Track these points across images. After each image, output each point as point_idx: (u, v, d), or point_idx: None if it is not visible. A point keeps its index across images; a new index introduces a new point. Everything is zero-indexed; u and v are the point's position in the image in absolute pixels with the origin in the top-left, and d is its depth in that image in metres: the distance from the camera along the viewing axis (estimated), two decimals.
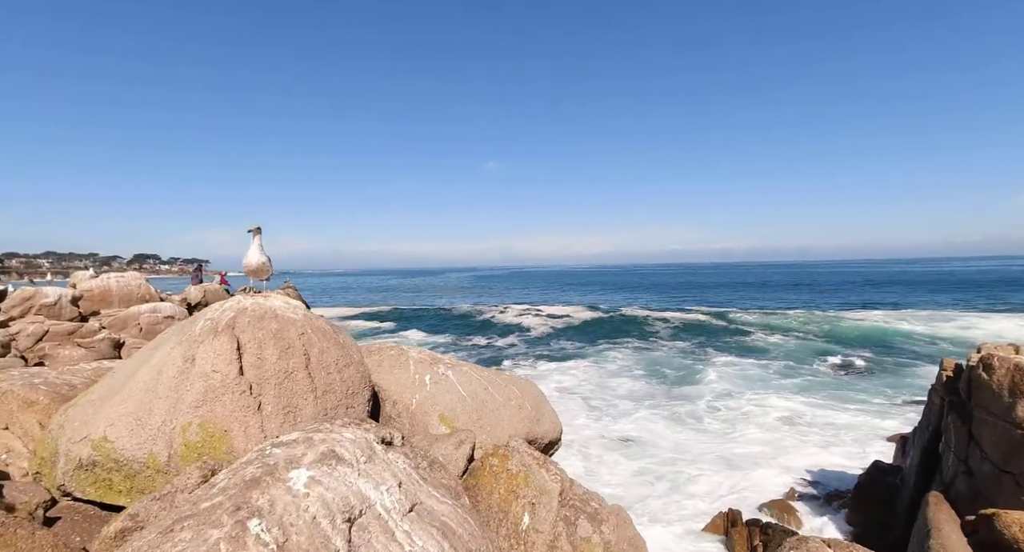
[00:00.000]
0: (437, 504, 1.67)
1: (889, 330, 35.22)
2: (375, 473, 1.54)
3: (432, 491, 1.73)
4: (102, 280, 18.58)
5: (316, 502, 1.24)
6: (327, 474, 1.36)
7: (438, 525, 1.54)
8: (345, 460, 1.48)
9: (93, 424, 3.00)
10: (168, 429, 2.93)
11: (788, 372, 26.02)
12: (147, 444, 2.91)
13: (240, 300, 3.56)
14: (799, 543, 2.99)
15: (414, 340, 39.08)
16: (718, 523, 11.69)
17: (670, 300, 68.65)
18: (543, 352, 33.21)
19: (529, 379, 5.04)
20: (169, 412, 2.97)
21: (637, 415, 19.91)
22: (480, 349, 35.07)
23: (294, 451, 1.44)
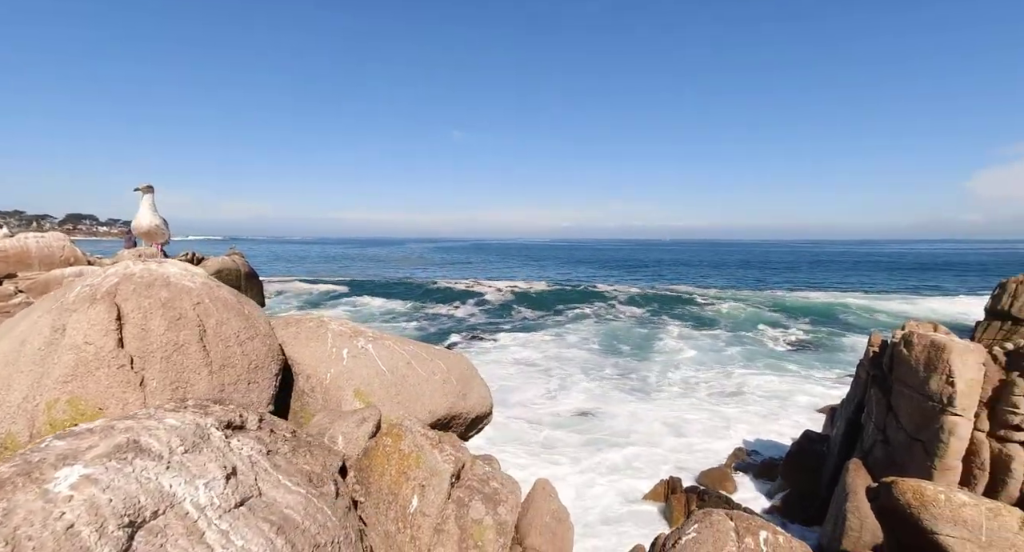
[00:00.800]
0: (284, 494, 1.51)
1: (833, 307, 37.10)
2: (195, 465, 1.35)
3: (283, 479, 1.56)
4: (18, 240, 17.10)
5: (81, 507, 1.05)
6: (114, 470, 1.16)
7: (275, 519, 1.38)
8: (151, 451, 1.29)
9: None
10: (30, 406, 2.63)
11: (735, 346, 27.10)
12: (5, 422, 2.62)
13: (128, 265, 3.22)
14: (704, 516, 3.02)
15: (369, 312, 38.44)
16: (659, 490, 12.19)
17: (628, 276, 70.04)
18: (502, 324, 33.35)
19: (460, 352, 4.91)
20: (32, 387, 2.67)
21: (590, 386, 20.37)
22: (438, 321, 34.87)
23: (80, 443, 1.23)
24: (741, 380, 20.95)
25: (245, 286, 24.88)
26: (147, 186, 3.29)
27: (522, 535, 4.02)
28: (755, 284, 57.38)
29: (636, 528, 10.62)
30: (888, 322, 30.91)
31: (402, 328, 32.52)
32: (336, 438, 2.72)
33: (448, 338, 29.59)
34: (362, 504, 2.33)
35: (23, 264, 17.70)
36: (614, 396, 19.27)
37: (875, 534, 8.46)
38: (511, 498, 2.67)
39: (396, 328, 32.36)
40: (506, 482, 2.79)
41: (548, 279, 62.53)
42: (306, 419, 3.46)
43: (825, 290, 50.16)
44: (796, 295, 45.43)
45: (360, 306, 39.25)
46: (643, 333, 30.70)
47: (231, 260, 24.81)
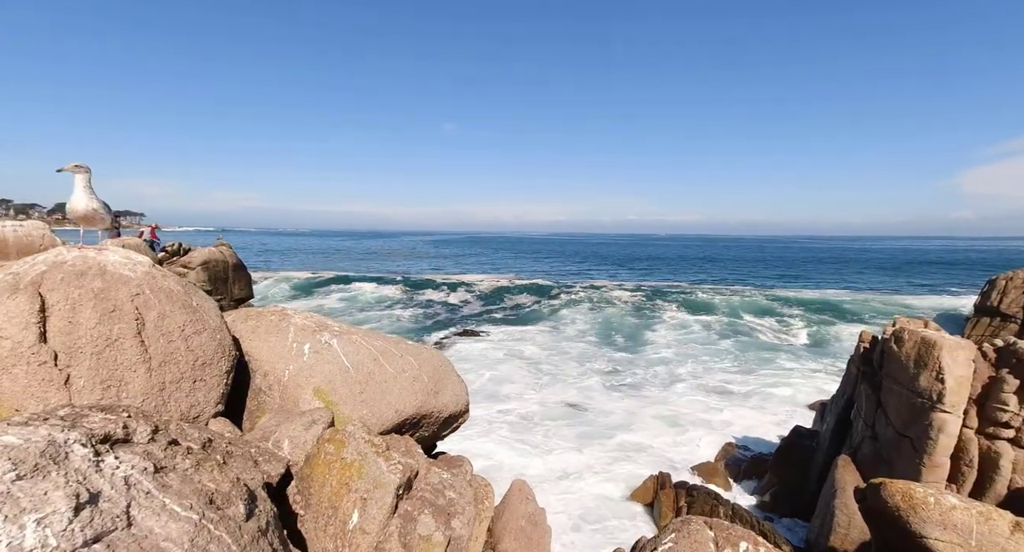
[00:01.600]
0: (167, 523, 1.27)
1: (825, 303, 37.14)
2: (29, 495, 1.11)
3: (169, 503, 1.33)
4: None
5: None
6: None
7: None
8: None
9: None
10: None
11: (728, 341, 27.06)
12: None
13: (61, 252, 2.96)
14: (682, 524, 2.82)
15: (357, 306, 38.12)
16: (648, 486, 12.06)
17: (623, 271, 70.01)
18: (492, 318, 33.15)
19: (434, 348, 4.68)
20: None
21: (580, 379, 20.24)
22: (428, 315, 34.60)
23: None
24: (732, 375, 20.90)
25: (233, 277, 24.50)
26: (76, 165, 3.00)
27: (496, 539, 3.82)
28: (748, 280, 57.54)
29: (622, 526, 10.50)
30: (879, 318, 30.98)
31: (389, 323, 32.25)
32: (282, 442, 2.49)
33: (437, 332, 29.37)
34: (301, 517, 2.10)
35: (2, 254, 17.31)
36: (604, 390, 19.16)
37: (863, 531, 8.37)
38: (468, 509, 2.45)
39: (383, 323, 32.07)
40: (465, 491, 2.57)
41: (542, 273, 62.34)
42: (262, 419, 3.22)
43: (817, 286, 50.31)
44: (788, 291, 45.50)
45: (348, 300, 38.84)
46: (635, 327, 30.63)
47: (218, 251, 24.40)
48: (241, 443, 2.03)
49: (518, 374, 20.75)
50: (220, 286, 22.91)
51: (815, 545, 9.22)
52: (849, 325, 29.98)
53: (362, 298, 38.84)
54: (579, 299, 38.78)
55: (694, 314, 33.74)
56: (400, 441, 2.69)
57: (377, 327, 28.31)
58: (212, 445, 1.70)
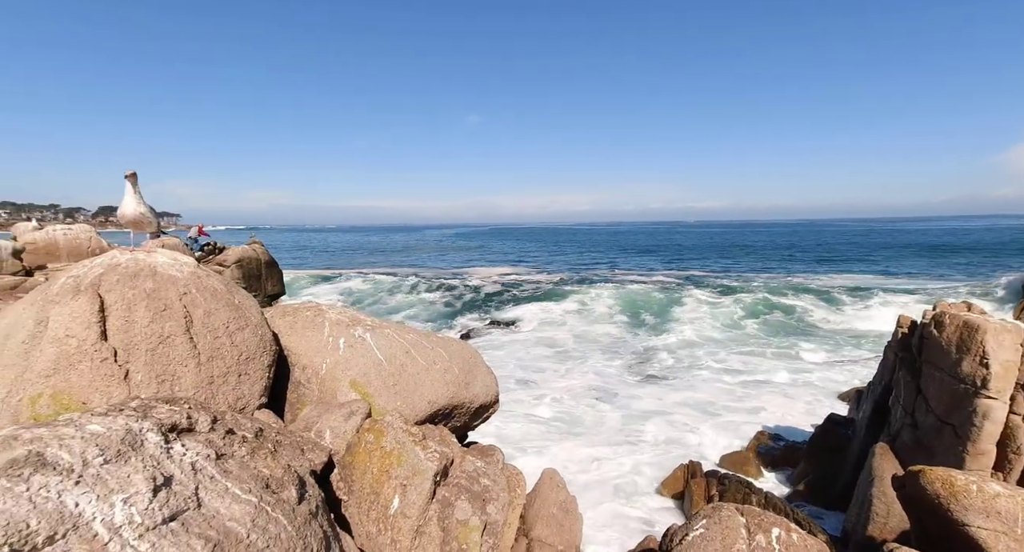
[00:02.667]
0: (231, 504, 1.39)
1: (861, 288, 35.97)
2: (115, 477, 1.23)
3: (231, 487, 1.45)
4: (47, 233, 17.64)
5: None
6: (2, 490, 1.05)
7: (213, 534, 1.26)
8: (56, 465, 1.17)
9: None
10: (14, 401, 2.59)
11: (759, 329, 26.57)
12: None
13: (115, 255, 3.14)
14: (713, 511, 2.85)
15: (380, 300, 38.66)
16: (678, 475, 12.03)
17: (650, 260, 69.15)
18: (517, 309, 33.24)
19: (463, 341, 4.78)
20: (15, 382, 2.63)
21: (609, 369, 20.23)
22: (451, 307, 34.90)
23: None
24: (763, 362, 20.54)
25: (265, 274, 25.27)
26: (131, 173, 3.19)
27: (528, 526, 3.92)
28: (780, 266, 56.09)
29: (652, 515, 10.52)
30: (917, 303, 29.88)
31: (416, 314, 32.67)
32: (324, 433, 2.63)
33: (462, 323, 29.66)
34: (345, 503, 2.23)
35: (52, 256, 18.29)
36: (631, 377, 19.10)
37: (902, 520, 8.19)
38: (503, 495, 2.54)
39: (409, 315, 32.51)
40: (499, 478, 2.66)
41: (567, 263, 62.11)
42: (302, 410, 3.38)
43: (852, 271, 48.74)
44: (821, 276, 44.24)
45: (369, 295, 39.46)
46: (663, 315, 30.29)
47: (251, 249, 25.19)
48: (287, 433, 2.16)
49: (543, 363, 20.87)
50: (254, 283, 23.66)
51: (852, 534, 9.07)
52: (885, 310, 29.02)
53: (386, 293, 39.43)
54: (604, 288, 38.54)
55: (723, 301, 33.15)
56: (435, 430, 2.79)
57: (404, 320, 28.81)
58: (263, 434, 1.82)
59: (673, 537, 2.92)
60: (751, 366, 20.25)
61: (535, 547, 3.43)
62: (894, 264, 54.56)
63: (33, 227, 18.65)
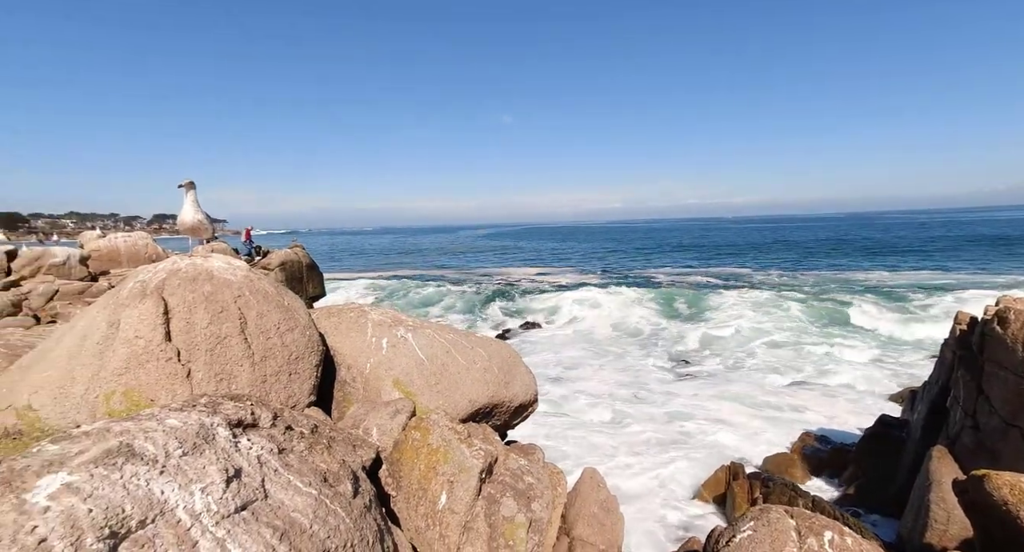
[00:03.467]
0: (293, 496, 1.47)
1: (917, 285, 34.21)
2: (192, 468, 1.32)
3: (293, 480, 1.53)
4: (109, 240, 18.76)
5: (56, 519, 1.02)
6: (100, 477, 1.14)
7: (280, 524, 1.34)
8: (144, 456, 1.27)
9: (18, 391, 2.89)
10: (91, 398, 2.79)
11: (805, 327, 25.61)
12: (70, 413, 2.80)
13: (175, 261, 3.34)
14: (761, 513, 2.79)
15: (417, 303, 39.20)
16: (720, 477, 11.75)
17: (687, 258, 67.67)
18: (554, 308, 33.14)
19: (502, 340, 4.83)
20: (92, 380, 2.83)
21: (646, 365, 19.97)
22: (486, 309, 35.08)
23: (72, 447, 1.23)
24: (807, 362, 19.82)
25: (307, 276, 26.11)
26: (189, 182, 3.38)
27: (569, 525, 3.93)
28: (826, 262, 53.87)
29: (692, 518, 10.32)
30: (977, 298, 28.15)
31: (450, 317, 33.01)
32: (371, 430, 2.72)
33: (495, 319, 29.79)
34: (393, 498, 2.30)
35: (114, 261, 19.47)
36: (669, 376, 18.78)
37: (964, 527, 7.75)
38: (547, 494, 2.56)
39: (443, 317, 32.87)
40: (543, 476, 2.68)
41: (601, 262, 61.53)
42: (348, 408, 3.51)
43: (903, 266, 46.35)
44: (871, 272, 42.28)
45: (407, 297, 40.09)
46: (701, 313, 29.63)
47: (294, 252, 26.11)
48: (339, 429, 2.26)
49: (578, 361, 20.77)
50: (296, 285, 24.49)
51: (908, 541, 8.65)
52: (940, 306, 27.48)
53: (422, 294, 39.99)
54: (638, 286, 37.99)
55: (765, 298, 32.13)
56: (479, 429, 2.85)
57: (441, 318, 29.18)
58: (318, 430, 1.92)
59: (719, 539, 2.88)
60: (794, 365, 19.58)
61: (577, 546, 3.44)
62: (950, 257, 51.58)
63: (97, 235, 19.90)
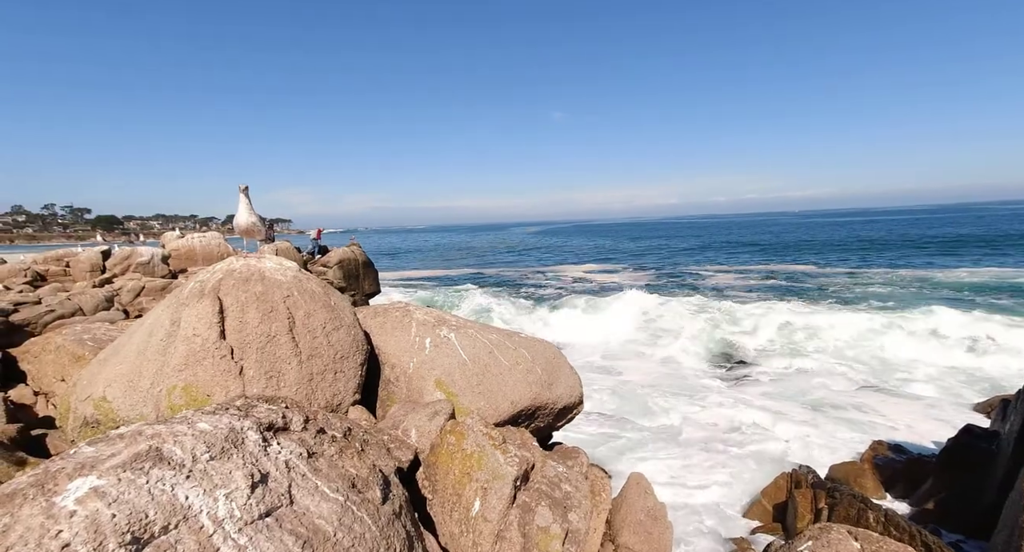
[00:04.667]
0: (320, 502, 1.47)
1: (1006, 285, 31.06)
2: (218, 473, 1.35)
3: (321, 485, 1.53)
4: (187, 240, 20.28)
5: (80, 524, 1.06)
6: (127, 482, 1.18)
7: (303, 531, 1.34)
8: (171, 460, 1.30)
9: (95, 384, 3.13)
10: (156, 392, 2.98)
11: (874, 327, 23.81)
12: (138, 406, 3.00)
13: (231, 261, 3.51)
14: (820, 532, 2.58)
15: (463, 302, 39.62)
16: (780, 484, 11.14)
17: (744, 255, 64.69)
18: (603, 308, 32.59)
19: (546, 341, 4.76)
20: (156, 375, 3.02)
21: (700, 365, 19.27)
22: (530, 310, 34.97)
23: (105, 450, 1.28)
24: (880, 365, 18.43)
25: (363, 274, 27.09)
26: (245, 187, 3.55)
27: (615, 532, 3.82)
28: (898, 260, 49.84)
29: (748, 528, 9.84)
30: None
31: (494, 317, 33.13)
32: (410, 431, 2.74)
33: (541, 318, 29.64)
34: (430, 501, 2.31)
35: (191, 260, 21.04)
36: (726, 376, 18.03)
37: None
38: (585, 503, 2.48)
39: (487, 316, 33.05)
40: (581, 485, 2.60)
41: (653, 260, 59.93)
42: (392, 407, 3.57)
43: (989, 264, 42.12)
44: (949, 271, 38.76)
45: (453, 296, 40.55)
46: (761, 312, 28.20)
47: (351, 251, 27.18)
48: (375, 431, 2.28)
49: (625, 361, 20.33)
50: (352, 282, 25.45)
51: None
52: None
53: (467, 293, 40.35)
54: (690, 284, 36.69)
55: (841, 297, 30.17)
56: (516, 434, 2.80)
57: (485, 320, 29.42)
58: (351, 433, 1.94)
59: None
60: (867, 368, 18.26)
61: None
62: None
63: (176, 236, 21.56)
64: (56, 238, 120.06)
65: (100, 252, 18.97)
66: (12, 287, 14.50)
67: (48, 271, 17.97)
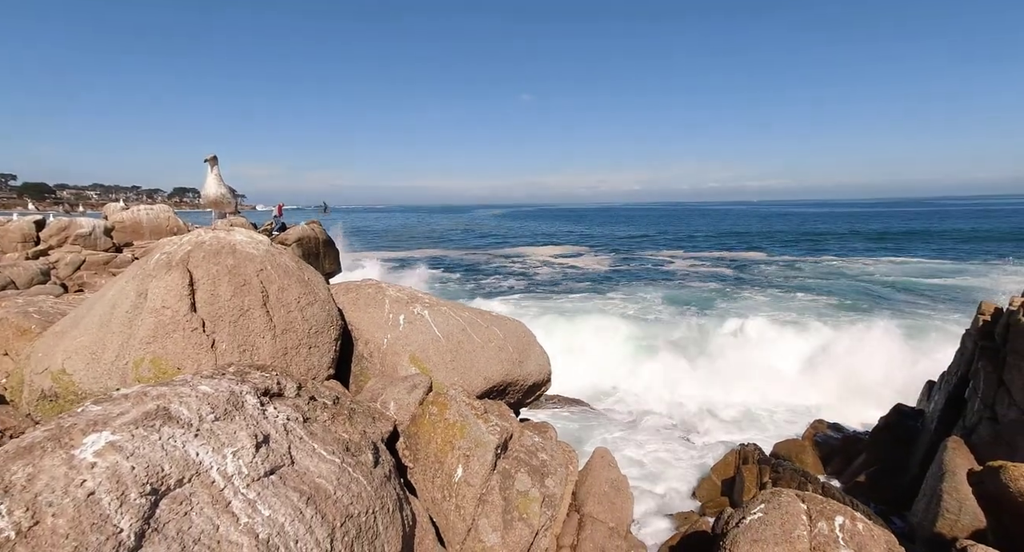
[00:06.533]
0: (318, 463, 1.52)
1: (931, 272, 33.47)
2: (224, 433, 1.38)
3: (318, 448, 1.58)
4: (132, 212, 19.18)
5: (103, 474, 1.08)
6: (140, 437, 1.20)
7: (306, 489, 1.39)
8: (180, 419, 1.32)
9: (52, 356, 3.00)
10: (121, 364, 2.89)
11: (822, 311, 25.21)
12: (102, 378, 2.90)
13: (199, 234, 3.40)
14: (772, 496, 2.81)
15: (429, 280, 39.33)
16: (730, 460, 11.79)
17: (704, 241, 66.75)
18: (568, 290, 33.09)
19: (518, 319, 4.86)
20: (122, 347, 2.93)
21: (659, 352, 19.91)
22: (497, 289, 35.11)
23: (113, 409, 1.28)
24: (822, 345, 19.57)
25: (324, 253, 26.41)
26: (212, 157, 3.42)
27: (580, 502, 4.01)
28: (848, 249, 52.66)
29: (702, 499, 10.42)
30: (999, 291, 27.42)
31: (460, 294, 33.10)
32: (388, 404, 2.78)
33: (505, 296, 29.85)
34: (411, 470, 2.37)
35: (137, 234, 19.88)
36: (681, 361, 18.71)
37: (975, 517, 7.71)
38: (560, 471, 2.61)
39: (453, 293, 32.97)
40: (556, 454, 2.73)
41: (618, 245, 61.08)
42: (365, 382, 3.58)
43: (918, 255, 45.23)
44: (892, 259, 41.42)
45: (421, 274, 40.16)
46: (715, 296, 29.32)
47: (310, 229, 26.41)
48: (359, 402, 2.31)
49: (589, 344, 20.78)
50: (312, 261, 24.79)
51: (918, 529, 8.64)
52: (962, 299, 26.83)
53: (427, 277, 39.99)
54: (657, 275, 37.71)
55: (789, 284, 31.70)
56: (494, 405, 2.90)
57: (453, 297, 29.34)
58: (339, 402, 1.97)
59: (729, 520, 2.92)
60: (807, 351, 19.35)
61: (587, 522, 3.51)
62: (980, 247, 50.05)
63: (120, 207, 20.30)
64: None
65: (33, 221, 17.66)
66: None
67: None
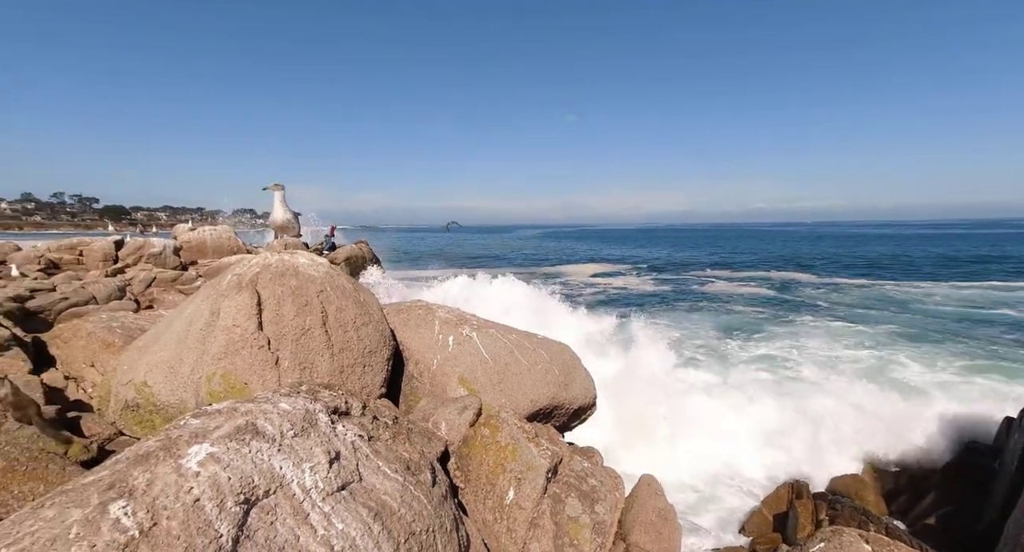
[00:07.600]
0: (383, 481, 1.60)
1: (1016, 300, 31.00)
2: (302, 449, 1.48)
3: (382, 466, 1.66)
4: (198, 233, 20.52)
5: (205, 482, 1.19)
6: (234, 450, 1.31)
7: (373, 505, 1.47)
8: (265, 434, 1.43)
9: (136, 369, 3.26)
10: (196, 378, 3.11)
11: (888, 337, 23.73)
12: (178, 391, 3.13)
13: (267, 256, 3.65)
14: (833, 534, 2.69)
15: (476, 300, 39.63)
16: (781, 494, 11.20)
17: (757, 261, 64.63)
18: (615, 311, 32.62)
19: (563, 342, 4.89)
20: (196, 362, 3.16)
21: (704, 376, 19.28)
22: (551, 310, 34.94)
23: (210, 422, 1.41)
24: (883, 379, 18.39)
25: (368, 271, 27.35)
26: (276, 184, 3.69)
27: (625, 531, 3.93)
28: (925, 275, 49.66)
29: (753, 536, 9.90)
30: None
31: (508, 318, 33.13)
32: (439, 424, 2.87)
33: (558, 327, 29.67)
34: (462, 490, 2.43)
35: (201, 252, 21.26)
36: (723, 386, 18.04)
37: None
38: (610, 497, 2.60)
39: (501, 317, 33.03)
40: (605, 479, 2.72)
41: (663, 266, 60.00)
42: (415, 402, 3.69)
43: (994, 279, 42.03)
44: (973, 283, 38.73)
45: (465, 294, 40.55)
46: (765, 321, 28.20)
47: (358, 248, 27.49)
48: (414, 422, 2.41)
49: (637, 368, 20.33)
50: (357, 277, 25.73)
51: None
52: None
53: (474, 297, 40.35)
54: (702, 293, 36.75)
55: (852, 307, 30.15)
56: (544, 429, 2.92)
57: None
58: (399, 422, 2.06)
59: None
60: (867, 379, 18.23)
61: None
62: None
63: (188, 228, 21.80)
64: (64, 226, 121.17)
65: (113, 241, 19.19)
66: (28, 274, 14.74)
67: (62, 259, 18.20)
